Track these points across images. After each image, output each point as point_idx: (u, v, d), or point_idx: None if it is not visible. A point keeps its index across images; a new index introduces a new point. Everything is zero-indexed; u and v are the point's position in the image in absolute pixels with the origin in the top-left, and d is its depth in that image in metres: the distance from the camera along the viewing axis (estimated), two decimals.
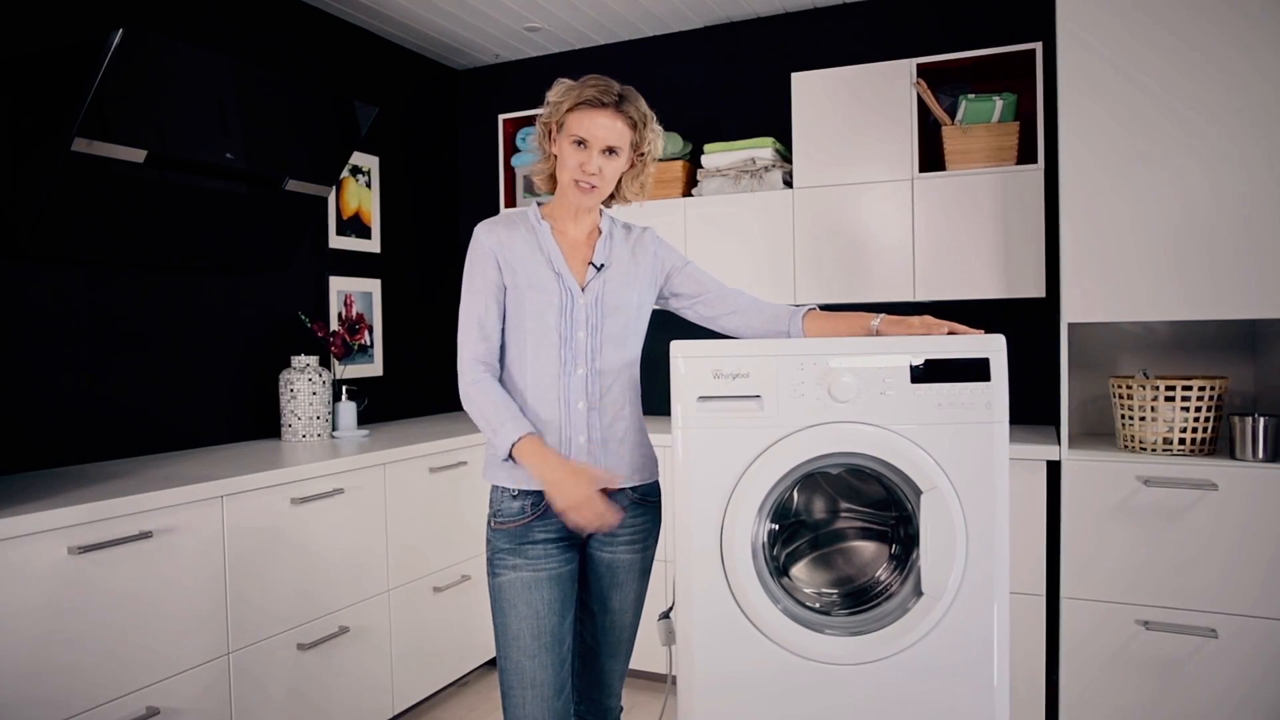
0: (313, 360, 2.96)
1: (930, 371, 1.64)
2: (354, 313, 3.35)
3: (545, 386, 1.71)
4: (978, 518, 1.64)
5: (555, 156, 1.75)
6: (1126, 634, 2.40)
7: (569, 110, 1.68)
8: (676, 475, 1.70)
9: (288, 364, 3.05)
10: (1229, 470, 2.30)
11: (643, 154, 1.76)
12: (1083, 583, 2.44)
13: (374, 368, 3.46)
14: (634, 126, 1.71)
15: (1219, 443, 2.48)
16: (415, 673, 2.81)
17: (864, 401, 1.64)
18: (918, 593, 1.65)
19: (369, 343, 3.43)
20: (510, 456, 1.66)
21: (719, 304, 1.86)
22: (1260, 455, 2.32)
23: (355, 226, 3.39)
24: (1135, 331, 2.84)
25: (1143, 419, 2.46)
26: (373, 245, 3.47)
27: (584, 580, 1.80)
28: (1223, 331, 2.73)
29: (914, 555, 1.69)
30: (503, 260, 1.73)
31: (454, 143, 3.98)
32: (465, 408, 1.72)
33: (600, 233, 1.82)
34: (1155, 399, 2.43)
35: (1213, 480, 2.30)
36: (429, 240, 3.82)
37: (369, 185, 3.44)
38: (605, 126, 1.67)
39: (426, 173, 3.81)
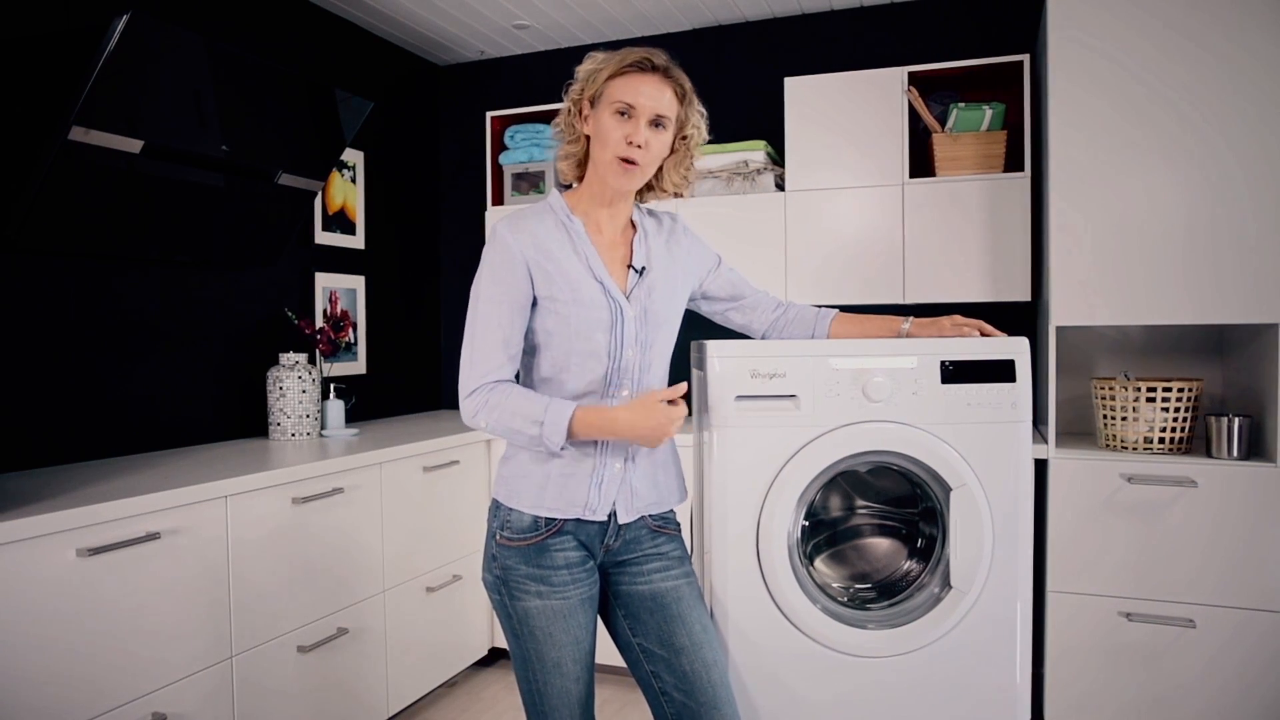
0: (301, 358, 2.90)
1: (959, 372, 1.69)
2: (339, 309, 3.29)
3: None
4: (1003, 514, 1.70)
5: (587, 137, 1.57)
6: (1109, 625, 2.50)
7: (610, 77, 1.51)
8: (712, 474, 1.72)
9: (273, 361, 2.99)
10: (1207, 468, 2.41)
11: (685, 137, 1.59)
12: (1067, 576, 2.53)
13: (358, 365, 3.41)
14: (681, 99, 1.55)
15: (1194, 442, 2.60)
16: (410, 674, 2.78)
17: (897, 401, 1.69)
18: (946, 585, 1.70)
19: (353, 340, 3.38)
20: (568, 437, 1.47)
21: (751, 311, 1.79)
22: (1235, 454, 2.44)
23: (340, 222, 3.33)
24: (1110, 335, 2.96)
25: (1124, 419, 2.57)
26: (357, 241, 3.42)
27: (635, 626, 1.61)
28: (1194, 335, 2.86)
29: (940, 549, 1.75)
30: (536, 268, 1.52)
31: (435, 140, 3.94)
32: (481, 423, 1.51)
33: (635, 228, 1.64)
34: (1137, 400, 2.54)
35: (1192, 478, 2.41)
36: (412, 237, 3.78)
37: (354, 181, 3.39)
38: (652, 94, 1.50)
39: (409, 169, 3.77)
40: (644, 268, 1.60)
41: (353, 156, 3.38)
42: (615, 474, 1.56)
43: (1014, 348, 1.71)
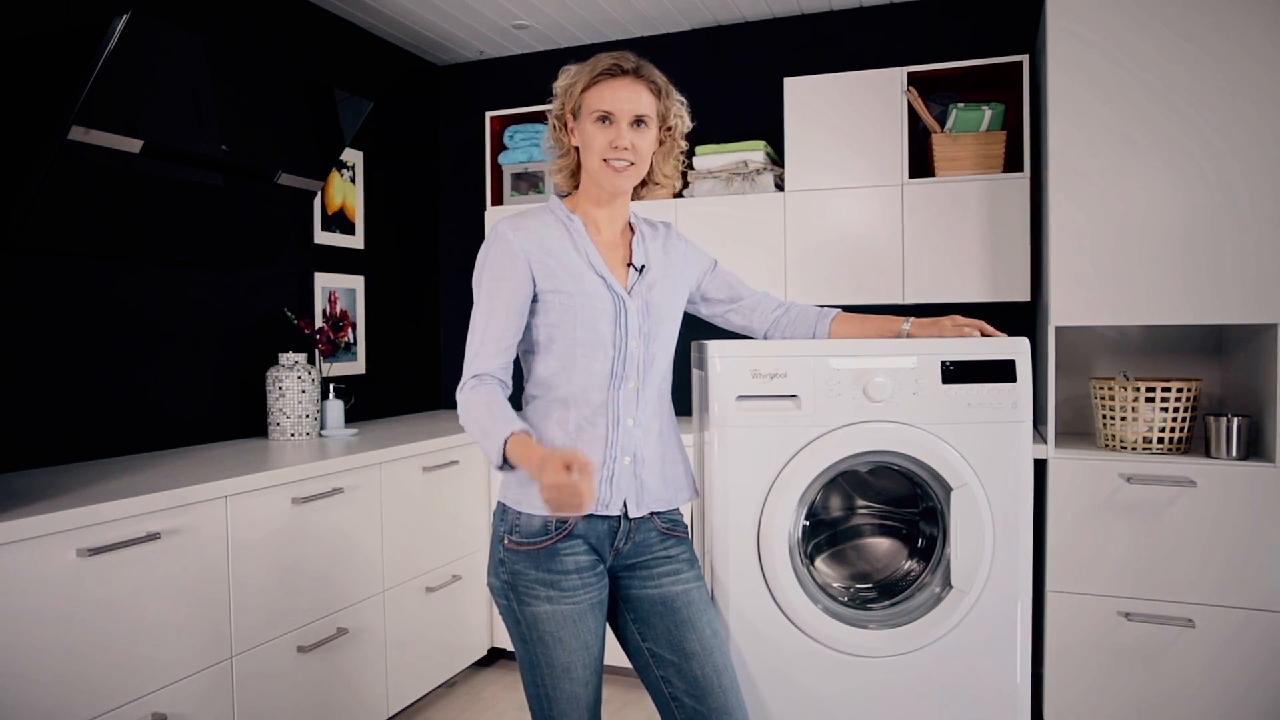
0: (301, 358, 2.90)
1: (960, 373, 1.69)
2: (338, 309, 3.29)
3: (593, 404, 1.56)
4: (1003, 514, 1.70)
5: (576, 149, 1.61)
6: (1109, 625, 2.50)
7: (585, 89, 1.55)
8: (714, 474, 1.72)
9: (272, 361, 2.99)
10: (1206, 468, 2.41)
11: (670, 128, 1.63)
12: (1067, 576, 2.53)
13: (357, 365, 3.41)
14: (658, 95, 1.58)
15: (1193, 442, 2.61)
16: (409, 674, 2.78)
17: (897, 401, 1.69)
18: (947, 585, 1.71)
19: (352, 340, 3.38)
20: (506, 462, 1.45)
21: (750, 312, 1.80)
22: (1234, 454, 2.44)
23: (340, 222, 3.33)
24: (1109, 335, 2.96)
25: (1123, 419, 2.57)
26: (356, 241, 3.42)
27: (644, 630, 1.61)
28: (1193, 335, 2.86)
29: (940, 549, 1.75)
30: (538, 264, 1.54)
31: (434, 140, 3.94)
32: (460, 418, 1.54)
33: (633, 230, 1.68)
34: (1136, 400, 2.54)
35: (1191, 478, 2.41)
36: (411, 237, 3.78)
37: (353, 180, 3.39)
38: (628, 97, 1.53)
39: (409, 169, 3.77)
40: (644, 265, 1.62)
41: (352, 156, 3.38)
42: (625, 468, 1.57)
43: (1014, 348, 1.71)
